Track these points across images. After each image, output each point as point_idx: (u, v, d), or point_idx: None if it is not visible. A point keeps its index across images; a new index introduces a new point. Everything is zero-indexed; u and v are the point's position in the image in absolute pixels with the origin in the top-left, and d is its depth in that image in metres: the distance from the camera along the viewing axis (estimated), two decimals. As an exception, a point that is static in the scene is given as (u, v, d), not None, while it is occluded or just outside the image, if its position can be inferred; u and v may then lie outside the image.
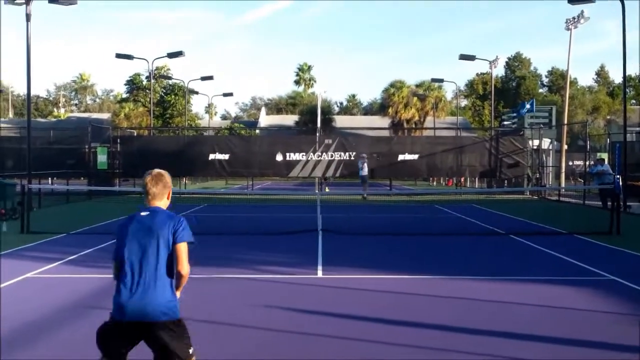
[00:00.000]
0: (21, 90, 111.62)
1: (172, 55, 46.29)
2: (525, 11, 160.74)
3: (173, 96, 72.19)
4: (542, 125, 41.64)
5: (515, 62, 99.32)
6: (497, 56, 46.10)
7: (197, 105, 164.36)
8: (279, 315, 8.96)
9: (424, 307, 9.66)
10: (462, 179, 43.15)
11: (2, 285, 10.80)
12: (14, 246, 15.23)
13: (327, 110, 73.49)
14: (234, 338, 7.90)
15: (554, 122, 47.95)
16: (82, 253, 14.42)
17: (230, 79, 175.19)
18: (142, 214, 5.05)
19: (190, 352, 4.99)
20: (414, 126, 68.22)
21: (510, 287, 11.12)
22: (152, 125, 53.38)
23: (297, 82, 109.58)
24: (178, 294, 5.15)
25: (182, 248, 5.04)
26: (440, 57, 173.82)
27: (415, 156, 37.23)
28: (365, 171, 34.53)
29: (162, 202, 5.17)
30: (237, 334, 8.08)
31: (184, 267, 5.05)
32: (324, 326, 8.37)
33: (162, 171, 5.22)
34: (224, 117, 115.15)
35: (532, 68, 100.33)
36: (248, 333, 8.07)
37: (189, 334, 5.10)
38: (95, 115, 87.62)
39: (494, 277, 12.00)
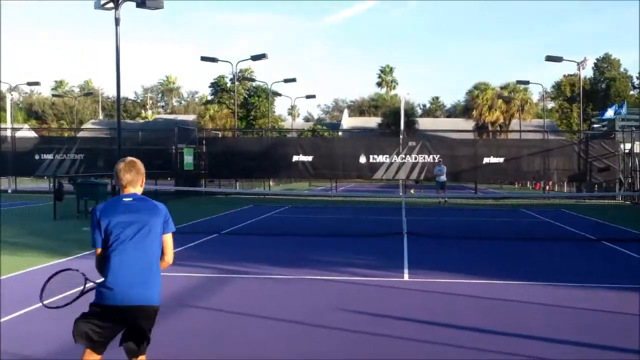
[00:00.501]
0: (110, 92, 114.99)
1: (255, 57, 46.80)
2: (613, 11, 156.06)
3: (256, 98, 73.07)
4: (634, 128, 40.24)
5: (604, 64, 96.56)
6: (585, 57, 44.79)
7: (280, 107, 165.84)
8: (365, 318, 8.87)
9: (514, 314, 9.38)
10: (550, 183, 42.12)
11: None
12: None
13: (410, 113, 73.03)
14: (320, 339, 7.86)
15: (646, 125, 46.31)
16: (170, 252, 14.64)
17: (313, 81, 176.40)
18: (125, 200, 5.05)
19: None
20: (498, 129, 67.10)
21: (604, 295, 10.73)
22: (236, 127, 54.08)
23: (379, 84, 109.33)
24: None
25: (169, 239, 5.14)
26: (526, 59, 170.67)
27: (501, 159, 36.58)
28: (444, 177, 33.69)
29: (137, 189, 5.16)
30: (324, 335, 8.03)
31: (171, 256, 5.16)
32: (410, 330, 8.24)
33: (135, 159, 5.24)
34: (306, 119, 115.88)
35: (621, 69, 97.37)
36: (334, 335, 8.01)
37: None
38: (181, 117, 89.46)
39: (584, 284, 11.59)
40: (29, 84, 64.12)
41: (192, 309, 9.38)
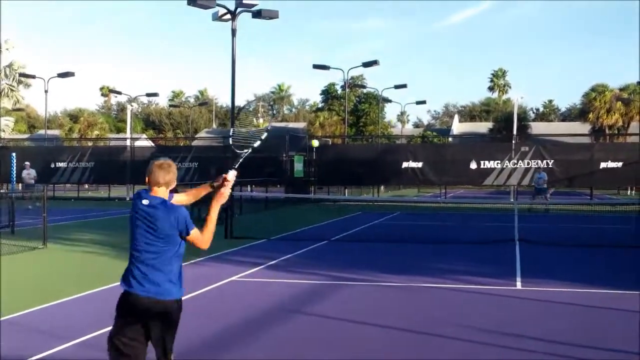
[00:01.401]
0: (224, 101, 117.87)
1: (367, 64, 46.88)
2: None
3: (367, 105, 73.21)
4: None
5: None
6: None
7: (390, 113, 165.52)
8: (478, 328, 8.73)
9: (634, 326, 9.02)
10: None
11: (211, 287, 11.38)
12: (219, 250, 16.02)
13: (522, 117, 71.37)
14: (431, 349, 7.79)
15: None
16: (282, 258, 14.91)
17: (423, 87, 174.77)
18: (144, 201, 5.03)
19: None
20: (616, 132, 64.63)
21: None
22: (346, 134, 54.35)
23: (490, 89, 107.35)
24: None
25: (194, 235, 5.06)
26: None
27: (619, 163, 35.19)
28: (545, 185, 32.42)
29: (167, 191, 5.09)
30: (435, 344, 7.96)
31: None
32: (524, 341, 8.05)
33: (170, 161, 5.15)
34: (416, 125, 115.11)
35: None
36: (446, 344, 7.93)
37: None
38: (291, 125, 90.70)
39: None
40: (148, 95, 66.56)
41: (301, 315, 9.49)
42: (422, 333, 8.45)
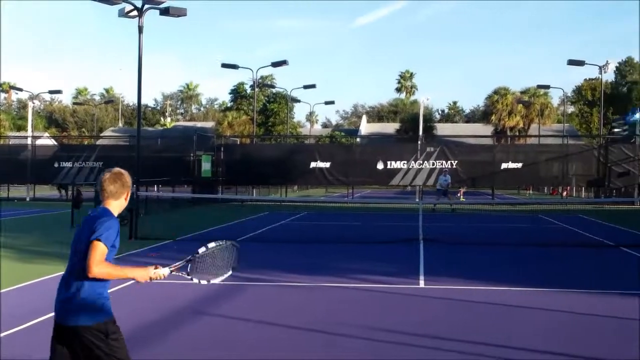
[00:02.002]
0: (130, 99, 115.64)
1: (276, 64, 46.86)
2: (635, 14, 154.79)
3: (276, 104, 73.20)
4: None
5: (627, 67, 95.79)
6: (607, 61, 44.36)
7: (298, 113, 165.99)
8: (381, 326, 8.84)
9: (531, 321, 9.33)
10: (568, 189, 41.83)
11: (116, 288, 11.12)
12: (123, 252, 15.68)
13: (428, 118, 72.86)
14: (336, 347, 7.85)
15: (668, 129, 45.88)
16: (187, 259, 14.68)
17: (332, 87, 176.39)
18: (90, 213, 4.80)
19: None
20: (517, 134, 66.74)
21: (620, 301, 10.62)
22: (254, 134, 54.24)
23: (398, 90, 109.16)
24: None
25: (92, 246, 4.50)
26: (547, 63, 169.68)
27: (519, 164, 36.38)
28: (449, 188, 33.38)
29: (118, 202, 4.80)
30: (339, 343, 8.02)
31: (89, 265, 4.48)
32: (425, 337, 8.21)
33: (123, 170, 4.88)
34: (324, 125, 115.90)
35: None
36: (349, 342, 8.00)
37: None
38: (200, 124, 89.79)
39: (600, 290, 11.51)
40: (51, 92, 64.40)
41: (206, 317, 9.40)
42: (326, 333, 8.49)
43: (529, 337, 8.26)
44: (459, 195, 38.25)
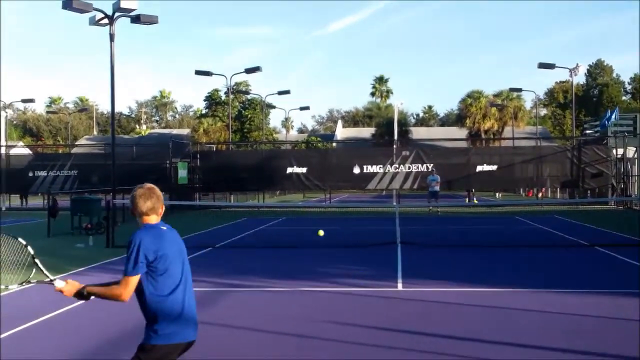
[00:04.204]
0: (105, 107, 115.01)
1: (249, 70, 46.85)
2: (606, 17, 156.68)
3: (251, 111, 73.14)
4: (626, 134, 40.38)
5: (597, 70, 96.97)
6: (577, 64, 44.89)
7: (274, 119, 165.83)
8: (359, 329, 8.92)
9: (508, 321, 9.46)
10: (543, 190, 42.24)
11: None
12: (100, 260, 15.65)
13: (403, 122, 73.11)
14: (314, 351, 7.91)
15: (638, 130, 46.50)
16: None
17: (307, 93, 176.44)
18: (163, 227, 4.78)
19: None
20: (492, 137, 67.23)
21: (596, 300, 10.79)
22: (230, 140, 54.19)
23: (373, 94, 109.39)
24: None
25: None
26: (518, 66, 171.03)
27: (494, 167, 36.70)
28: (437, 187, 33.66)
29: (158, 217, 4.81)
30: (317, 346, 8.09)
31: None
32: (403, 339, 8.30)
33: (153, 185, 4.84)
34: (300, 131, 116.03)
35: (614, 75, 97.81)
36: (328, 346, 8.07)
37: None
38: (175, 131, 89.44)
39: (576, 290, 11.68)
40: (24, 101, 63.74)
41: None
42: (305, 336, 8.55)
43: (504, 337, 8.37)
44: (467, 199, 38.85)
